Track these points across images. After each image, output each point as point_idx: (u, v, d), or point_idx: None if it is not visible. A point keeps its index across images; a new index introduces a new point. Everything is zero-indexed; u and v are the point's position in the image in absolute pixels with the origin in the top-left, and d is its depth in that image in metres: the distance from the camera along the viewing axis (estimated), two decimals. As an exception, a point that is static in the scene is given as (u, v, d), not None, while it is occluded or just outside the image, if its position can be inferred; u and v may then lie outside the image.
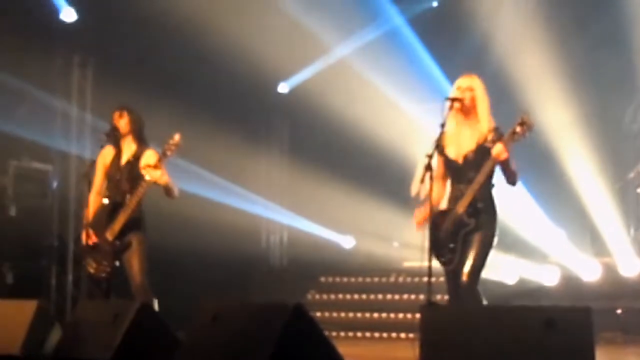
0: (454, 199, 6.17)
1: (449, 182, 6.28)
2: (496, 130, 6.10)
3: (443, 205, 6.26)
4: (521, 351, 4.65)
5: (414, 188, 6.11)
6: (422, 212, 6.15)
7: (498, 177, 6.17)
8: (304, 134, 13.60)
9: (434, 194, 6.03)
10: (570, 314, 4.95)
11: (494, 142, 6.03)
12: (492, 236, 6.11)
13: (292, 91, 13.43)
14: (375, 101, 12.42)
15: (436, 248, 6.05)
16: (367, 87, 12.43)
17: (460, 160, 6.17)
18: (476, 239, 6.04)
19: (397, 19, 13.02)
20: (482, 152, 6.08)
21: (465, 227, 6.06)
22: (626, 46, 11.47)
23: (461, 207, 6.07)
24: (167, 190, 7.21)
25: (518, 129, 5.90)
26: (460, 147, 6.18)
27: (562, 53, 11.91)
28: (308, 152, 13.13)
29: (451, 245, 6.09)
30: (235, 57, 11.42)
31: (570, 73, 11.70)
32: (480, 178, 6.03)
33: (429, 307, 5.46)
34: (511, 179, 6.10)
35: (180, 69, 11.83)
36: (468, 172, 6.12)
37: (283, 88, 13.51)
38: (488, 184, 6.13)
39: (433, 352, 5.08)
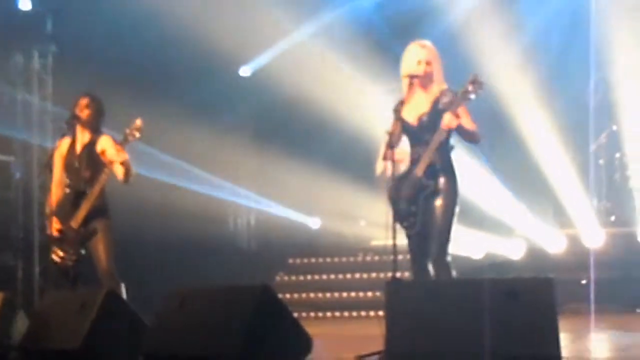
0: (412, 162, 6.14)
1: (408, 146, 6.24)
2: (447, 91, 6.11)
3: (402, 168, 6.21)
4: (484, 323, 4.70)
5: (379, 167, 6.12)
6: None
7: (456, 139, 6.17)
8: (268, 117, 13.58)
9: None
10: (532, 285, 5.01)
11: (446, 104, 6.03)
12: (454, 200, 6.07)
13: (255, 74, 13.40)
14: (338, 82, 12.41)
15: (398, 214, 6.04)
16: (330, 69, 12.41)
17: (415, 123, 6.16)
18: (439, 204, 6.03)
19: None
20: (436, 114, 6.07)
21: (425, 190, 6.04)
22: (587, 18, 11.55)
23: (420, 170, 6.05)
24: (126, 170, 7.07)
25: (470, 87, 5.88)
26: (417, 110, 6.17)
27: (524, 24, 11.98)
28: (273, 135, 13.12)
29: (412, 209, 6.06)
30: (196, 41, 11.37)
31: (531, 44, 11.77)
32: (433, 144, 6.01)
33: (393, 283, 5.50)
34: (470, 139, 6.12)
35: (141, 56, 11.74)
36: (424, 135, 6.10)
37: (245, 71, 13.48)
38: (446, 146, 6.12)
39: (398, 326, 5.14)
